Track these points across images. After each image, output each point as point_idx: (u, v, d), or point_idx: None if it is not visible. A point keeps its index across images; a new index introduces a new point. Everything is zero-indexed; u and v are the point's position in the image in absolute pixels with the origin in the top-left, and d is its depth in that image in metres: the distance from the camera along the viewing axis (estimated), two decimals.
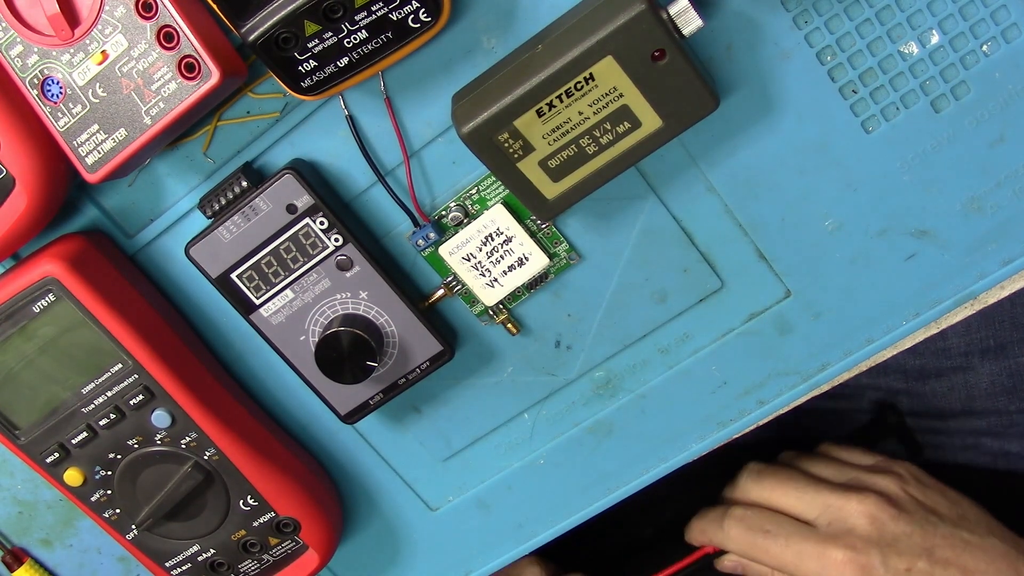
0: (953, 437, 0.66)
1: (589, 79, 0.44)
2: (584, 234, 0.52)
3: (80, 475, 0.52)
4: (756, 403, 0.55)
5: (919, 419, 0.67)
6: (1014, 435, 0.65)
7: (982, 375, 0.64)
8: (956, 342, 0.64)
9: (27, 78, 0.45)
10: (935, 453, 0.67)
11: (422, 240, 0.51)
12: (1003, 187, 0.49)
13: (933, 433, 0.67)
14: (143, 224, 0.52)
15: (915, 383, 0.66)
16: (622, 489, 0.58)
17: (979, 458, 0.66)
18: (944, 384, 0.65)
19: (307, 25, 0.43)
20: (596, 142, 0.45)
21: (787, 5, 0.46)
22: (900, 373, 0.66)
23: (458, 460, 0.58)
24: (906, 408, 0.67)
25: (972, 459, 0.66)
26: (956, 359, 0.64)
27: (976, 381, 0.64)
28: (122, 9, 0.43)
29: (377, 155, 0.50)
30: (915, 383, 0.66)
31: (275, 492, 0.54)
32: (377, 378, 0.52)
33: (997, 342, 0.63)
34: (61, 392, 0.50)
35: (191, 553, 0.55)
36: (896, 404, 0.68)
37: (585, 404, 0.56)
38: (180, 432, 0.52)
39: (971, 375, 0.64)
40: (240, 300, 0.50)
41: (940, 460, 0.67)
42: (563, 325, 0.54)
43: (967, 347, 0.64)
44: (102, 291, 0.49)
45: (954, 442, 0.66)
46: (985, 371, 0.64)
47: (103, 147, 0.45)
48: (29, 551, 0.60)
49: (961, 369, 0.64)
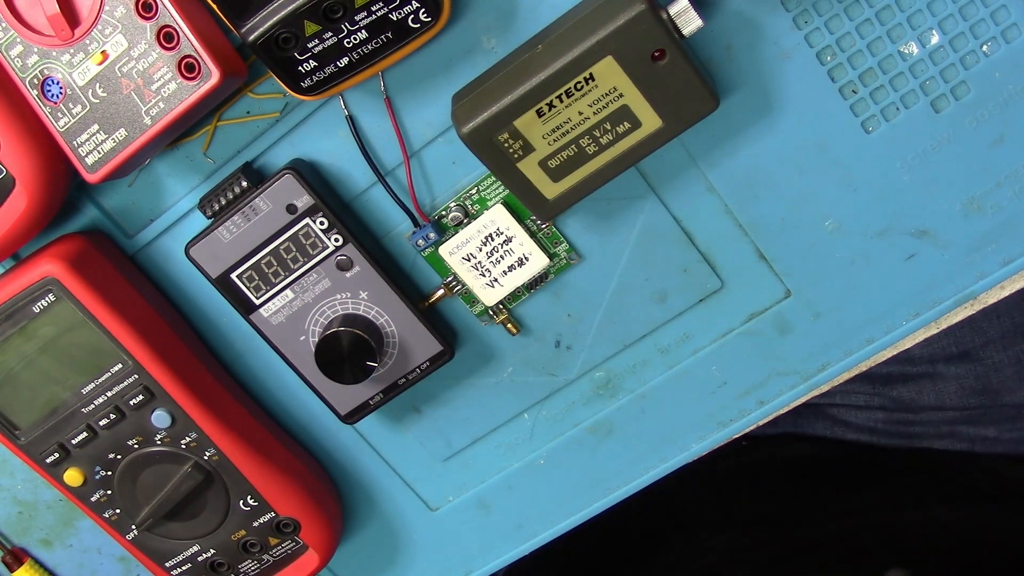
0: (927, 427, 0.67)
1: (589, 79, 0.44)
2: (584, 234, 0.52)
3: (80, 475, 0.52)
4: (756, 403, 0.55)
5: (890, 413, 0.67)
6: (990, 421, 0.65)
7: (949, 380, 0.65)
8: (918, 351, 0.64)
9: (27, 78, 0.45)
10: (911, 442, 0.67)
11: (422, 240, 0.51)
12: (1003, 187, 0.49)
13: (907, 424, 0.67)
14: (143, 224, 0.52)
15: (882, 388, 0.66)
16: (622, 489, 0.58)
17: (957, 444, 0.66)
18: (912, 389, 0.66)
19: (307, 25, 0.43)
20: (596, 142, 0.45)
21: (787, 5, 0.46)
22: (867, 381, 0.67)
23: (458, 460, 0.58)
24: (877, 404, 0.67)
25: (949, 445, 0.67)
26: (921, 366, 0.65)
27: (944, 386, 0.65)
28: (122, 9, 0.43)
29: (377, 155, 0.50)
30: (882, 388, 0.66)
31: (275, 492, 0.54)
32: (377, 378, 0.52)
33: (960, 349, 0.64)
34: (61, 392, 0.50)
35: (191, 553, 0.55)
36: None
37: (585, 404, 0.56)
38: (180, 432, 0.52)
39: (938, 381, 0.65)
40: (240, 300, 0.50)
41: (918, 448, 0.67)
42: (563, 325, 0.54)
43: (930, 355, 0.64)
44: (102, 291, 0.49)
45: (929, 431, 0.67)
46: (951, 375, 0.64)
47: (103, 147, 0.45)
48: (29, 551, 0.60)
49: (928, 376, 0.65)
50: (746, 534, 0.69)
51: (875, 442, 0.68)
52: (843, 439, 0.70)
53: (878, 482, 0.68)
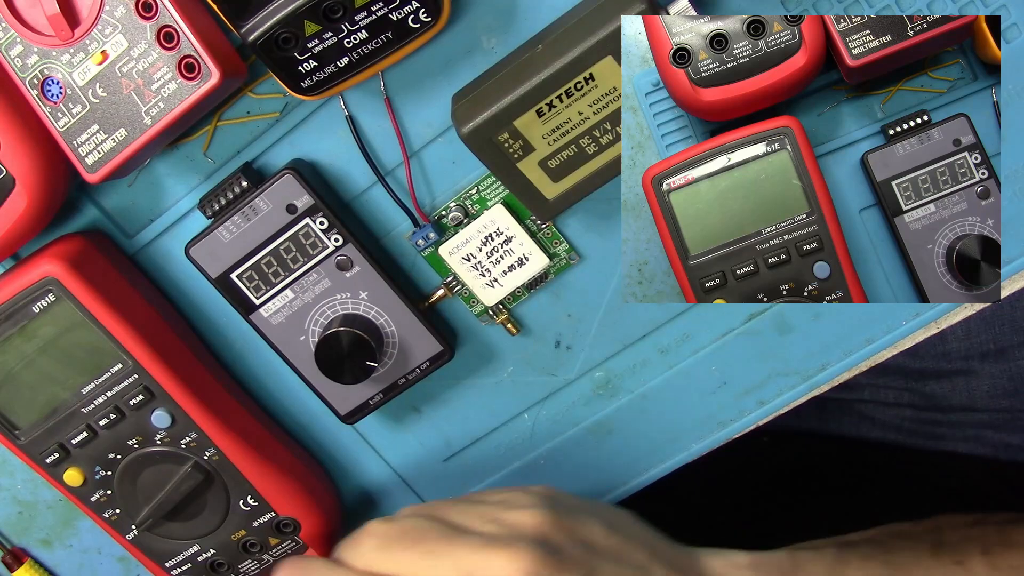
0: (954, 429, 0.66)
1: (589, 79, 0.44)
2: (584, 234, 0.52)
3: (80, 475, 0.52)
4: (756, 403, 0.55)
5: (919, 411, 0.67)
6: (1016, 428, 0.65)
7: (982, 378, 0.64)
8: (956, 346, 0.64)
9: (27, 78, 0.45)
10: (936, 443, 0.67)
11: (422, 240, 0.51)
12: (1004, 187, 0.49)
13: (934, 424, 0.67)
14: (143, 224, 0.52)
15: (915, 383, 0.66)
16: (621, 489, 0.58)
17: (980, 449, 0.66)
18: (945, 386, 0.65)
19: (307, 25, 0.43)
20: (596, 142, 0.45)
21: (787, 5, 0.46)
22: (900, 375, 0.66)
23: (458, 460, 0.58)
24: (906, 402, 0.67)
25: (973, 449, 0.66)
26: (956, 362, 0.64)
27: (977, 384, 0.64)
28: (122, 9, 0.43)
29: (377, 155, 0.50)
30: (915, 383, 0.66)
31: (275, 492, 0.54)
32: (377, 378, 0.52)
33: (997, 346, 0.63)
34: (61, 392, 0.50)
35: (191, 553, 0.55)
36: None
37: (585, 404, 0.56)
38: (180, 432, 0.52)
39: (972, 378, 0.64)
40: (240, 300, 0.50)
41: (942, 449, 0.67)
42: (563, 325, 0.54)
43: (967, 351, 0.64)
44: (102, 291, 0.49)
45: (955, 433, 0.66)
46: (985, 374, 0.64)
47: (103, 147, 0.45)
48: (29, 551, 0.60)
49: (962, 372, 0.64)
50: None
51: (900, 441, 0.68)
52: (867, 437, 0.69)
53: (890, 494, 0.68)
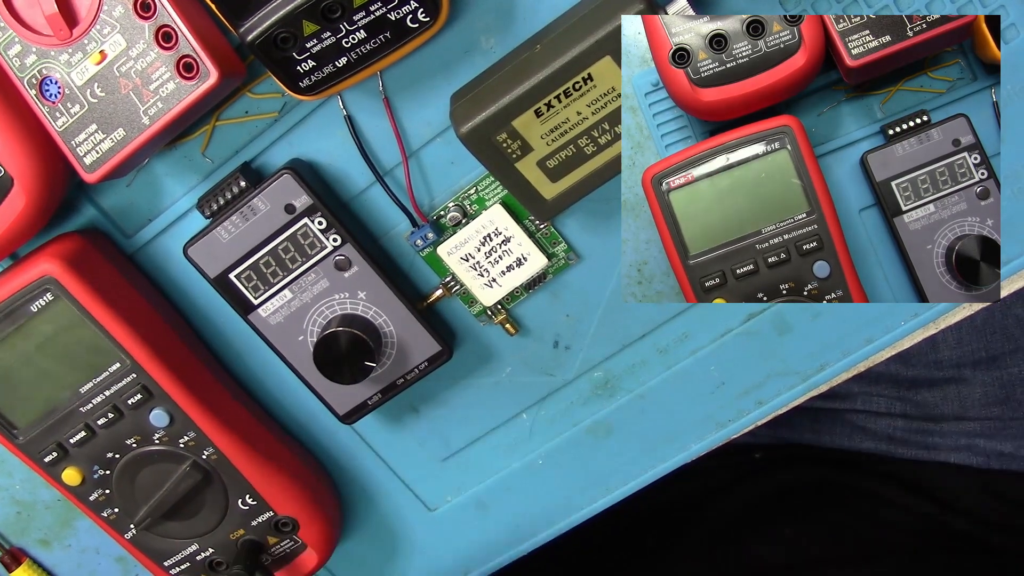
0: (947, 438, 0.66)
1: (588, 79, 0.44)
2: (583, 234, 0.51)
3: (78, 474, 0.52)
4: (755, 403, 0.55)
5: (911, 421, 0.67)
6: (1007, 437, 0.65)
7: (974, 386, 0.64)
8: (948, 354, 0.64)
9: (25, 78, 0.45)
10: (929, 454, 0.67)
11: (420, 240, 0.51)
12: (1003, 187, 0.49)
13: (926, 434, 0.67)
14: (141, 224, 0.52)
15: (907, 392, 0.66)
16: (621, 489, 0.58)
17: (972, 459, 0.66)
18: (936, 394, 0.65)
19: (305, 25, 0.43)
20: (594, 142, 0.45)
21: (786, 5, 0.46)
22: (892, 384, 0.66)
23: (457, 460, 0.58)
24: (898, 411, 0.67)
25: (965, 459, 0.66)
26: (948, 370, 0.64)
27: (968, 392, 0.65)
28: (120, 9, 0.43)
29: (375, 155, 0.50)
30: (907, 392, 0.66)
31: (274, 491, 0.54)
32: (375, 378, 0.52)
33: (989, 353, 0.63)
34: (59, 391, 0.50)
35: (190, 552, 0.55)
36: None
37: (584, 404, 0.56)
38: (178, 431, 0.52)
39: (963, 386, 0.64)
40: (239, 300, 0.50)
41: (934, 460, 0.67)
42: (562, 325, 0.54)
43: (959, 359, 0.64)
44: (100, 290, 0.49)
45: (947, 443, 0.67)
46: (977, 382, 0.64)
47: (101, 147, 0.45)
48: (27, 551, 0.60)
49: (953, 380, 0.64)
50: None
51: (891, 452, 0.68)
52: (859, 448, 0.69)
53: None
